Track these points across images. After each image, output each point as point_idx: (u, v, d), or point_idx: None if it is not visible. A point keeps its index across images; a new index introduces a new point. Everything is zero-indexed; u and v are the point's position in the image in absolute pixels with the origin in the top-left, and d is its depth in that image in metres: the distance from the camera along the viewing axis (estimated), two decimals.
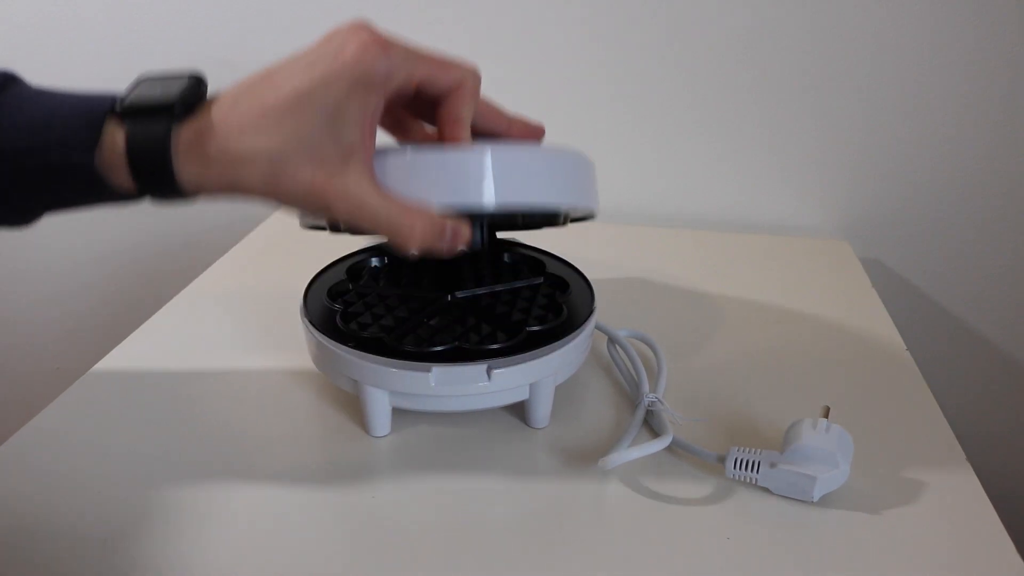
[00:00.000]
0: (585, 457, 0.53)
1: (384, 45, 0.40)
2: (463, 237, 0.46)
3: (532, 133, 0.50)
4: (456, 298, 0.60)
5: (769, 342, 0.67)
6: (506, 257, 0.66)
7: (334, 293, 0.59)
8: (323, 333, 0.53)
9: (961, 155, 0.84)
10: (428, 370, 0.50)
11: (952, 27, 0.78)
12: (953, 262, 0.89)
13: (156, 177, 0.40)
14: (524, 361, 0.51)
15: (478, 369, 0.50)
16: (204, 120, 0.40)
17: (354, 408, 0.57)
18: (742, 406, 0.58)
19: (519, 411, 0.56)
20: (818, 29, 0.80)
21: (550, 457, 0.53)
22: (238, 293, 0.75)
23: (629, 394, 0.59)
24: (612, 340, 0.63)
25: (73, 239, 1.05)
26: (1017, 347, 0.91)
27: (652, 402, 0.55)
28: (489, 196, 0.45)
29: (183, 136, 0.39)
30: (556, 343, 0.53)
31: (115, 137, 0.39)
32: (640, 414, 0.55)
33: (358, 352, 0.51)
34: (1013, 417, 0.94)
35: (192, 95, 0.40)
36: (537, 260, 0.65)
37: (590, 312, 0.57)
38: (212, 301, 0.74)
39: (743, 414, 0.57)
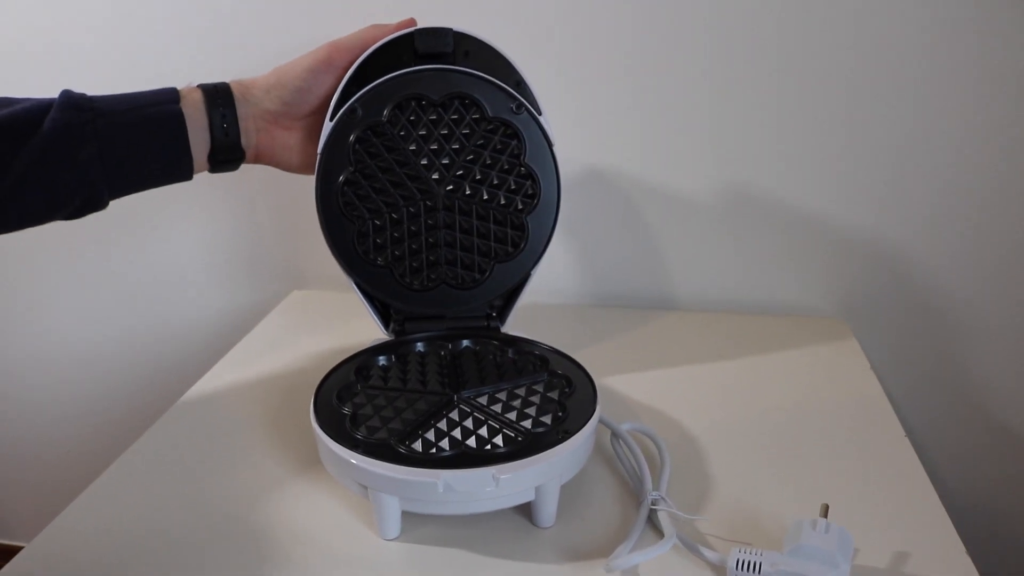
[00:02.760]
0: (592, 556, 0.54)
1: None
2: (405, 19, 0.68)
3: None
4: (462, 397, 0.61)
5: (770, 430, 0.68)
6: (511, 353, 0.68)
7: (343, 395, 0.61)
8: (333, 439, 0.55)
9: (955, 233, 0.86)
10: (436, 477, 0.51)
11: (937, 102, 0.81)
12: (951, 339, 0.90)
13: (221, 100, 0.64)
14: (529, 466, 0.52)
15: (484, 475, 0.52)
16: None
17: (365, 508, 0.58)
18: (745, 499, 0.59)
19: (526, 510, 0.57)
20: (802, 106, 0.84)
21: (557, 557, 0.54)
22: (248, 387, 0.77)
23: (633, 489, 0.60)
24: (615, 435, 0.64)
25: (84, 327, 1.07)
26: (1018, 422, 0.92)
27: (656, 500, 0.56)
28: None
29: (233, 83, 0.65)
30: (560, 446, 0.54)
31: (190, 95, 0.63)
32: (644, 512, 0.56)
33: (367, 459, 0.53)
34: (1013, 491, 0.94)
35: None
36: (541, 356, 0.67)
37: (592, 411, 0.58)
38: (223, 395, 0.76)
39: (746, 507, 0.58)
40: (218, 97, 0.64)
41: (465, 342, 0.70)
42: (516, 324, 0.73)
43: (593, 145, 0.89)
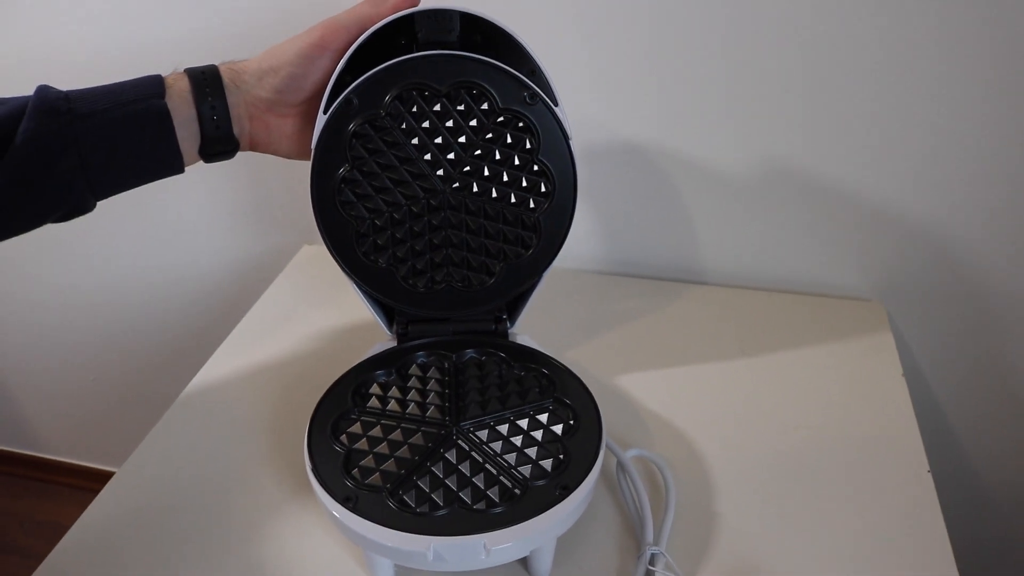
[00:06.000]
0: None
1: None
2: None
3: None
4: (461, 430, 0.59)
5: (785, 458, 0.65)
6: (516, 369, 0.65)
7: (339, 426, 0.59)
8: (326, 488, 0.54)
9: (998, 208, 0.78)
10: (426, 546, 0.50)
11: (973, 79, 0.72)
12: (994, 321, 0.84)
13: (210, 90, 0.57)
14: (522, 534, 0.51)
15: (476, 544, 0.50)
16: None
17: (359, 551, 0.57)
18: (749, 551, 0.57)
19: (524, 559, 0.56)
20: (840, 78, 0.74)
21: None
22: (251, 380, 0.75)
23: (635, 532, 0.59)
24: (621, 465, 0.62)
25: (99, 273, 1.07)
26: None
27: (654, 557, 0.55)
28: None
29: (223, 67, 0.59)
30: (556, 507, 0.52)
31: (177, 84, 0.57)
32: (641, 570, 0.54)
33: (358, 519, 0.51)
34: None
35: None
36: (548, 377, 0.64)
37: (594, 460, 0.56)
38: (223, 392, 0.74)
39: (749, 561, 0.56)
40: (206, 86, 0.58)
41: (470, 352, 0.67)
42: (532, 298, 0.69)
43: (615, 113, 0.81)
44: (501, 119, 0.63)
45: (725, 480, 0.63)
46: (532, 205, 0.65)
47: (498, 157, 0.64)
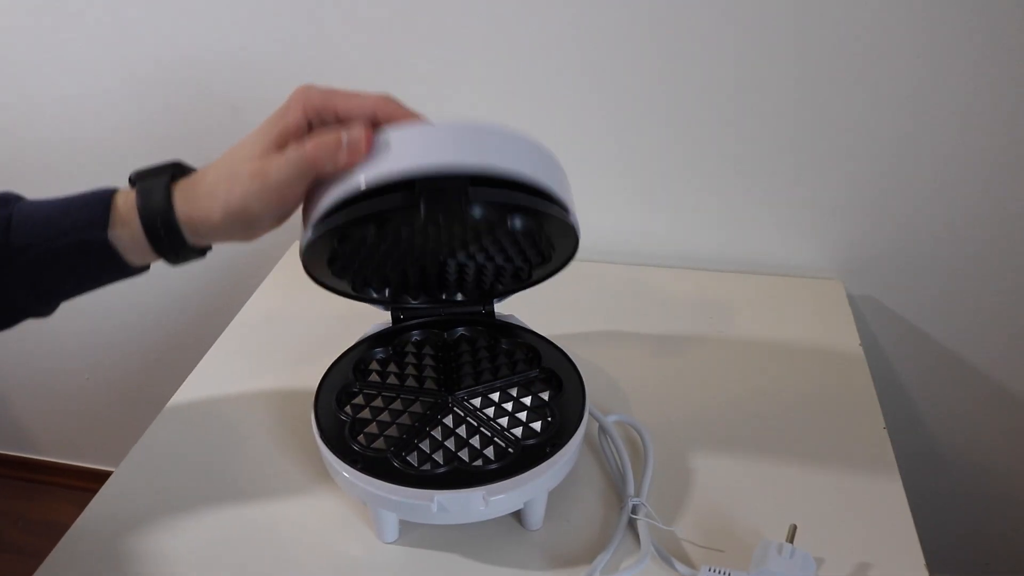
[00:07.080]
0: (576, 557, 0.59)
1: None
2: (358, 145, 0.50)
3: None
4: (456, 399, 0.64)
5: (754, 420, 0.71)
6: (504, 343, 0.70)
7: (342, 398, 0.64)
8: (334, 452, 0.58)
9: (955, 188, 0.85)
10: (430, 499, 0.55)
11: (945, 65, 0.78)
12: (947, 297, 0.91)
13: (160, 218, 0.51)
14: (517, 486, 0.56)
15: (475, 496, 0.55)
16: (192, 176, 0.53)
17: (365, 508, 0.62)
18: (722, 500, 0.63)
19: (517, 512, 0.61)
20: (809, 66, 0.80)
21: (544, 558, 0.59)
22: (252, 367, 0.80)
23: (617, 488, 0.64)
24: (602, 428, 0.67)
25: None
26: (1010, 377, 0.94)
27: (636, 507, 0.60)
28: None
29: (179, 185, 0.52)
30: (546, 462, 0.57)
31: (124, 208, 0.52)
32: (624, 519, 0.60)
33: (367, 477, 0.56)
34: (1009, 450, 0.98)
35: (180, 167, 0.54)
36: (533, 348, 0.69)
37: (580, 420, 0.61)
38: (227, 377, 0.78)
39: (723, 508, 0.62)
40: (162, 237, 0.52)
41: (460, 329, 0.72)
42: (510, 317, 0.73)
43: (586, 97, 0.87)
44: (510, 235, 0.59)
45: (698, 441, 0.69)
46: (530, 266, 0.65)
47: (503, 253, 0.63)
